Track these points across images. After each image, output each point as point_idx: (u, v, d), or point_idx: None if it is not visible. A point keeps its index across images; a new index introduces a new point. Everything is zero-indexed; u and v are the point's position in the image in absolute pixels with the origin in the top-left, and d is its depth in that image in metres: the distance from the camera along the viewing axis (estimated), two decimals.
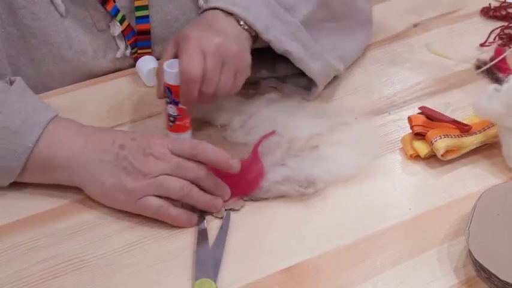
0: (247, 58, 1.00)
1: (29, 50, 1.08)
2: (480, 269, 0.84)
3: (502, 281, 0.81)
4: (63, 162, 0.93)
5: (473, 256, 0.84)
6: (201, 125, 1.06)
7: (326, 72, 1.09)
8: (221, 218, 0.93)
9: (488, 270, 0.82)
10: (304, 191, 0.94)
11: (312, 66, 1.06)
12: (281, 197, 0.95)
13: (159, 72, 0.99)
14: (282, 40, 1.03)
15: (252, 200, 0.95)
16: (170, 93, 0.97)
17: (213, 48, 0.95)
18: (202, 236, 0.90)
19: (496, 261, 0.82)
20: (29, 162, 0.93)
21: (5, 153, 0.92)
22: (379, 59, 1.21)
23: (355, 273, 0.86)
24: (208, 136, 1.04)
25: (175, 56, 0.97)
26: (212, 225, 0.92)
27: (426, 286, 0.85)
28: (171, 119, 0.99)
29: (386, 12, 1.31)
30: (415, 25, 1.28)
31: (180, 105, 0.97)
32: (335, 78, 1.15)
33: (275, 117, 1.04)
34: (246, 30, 1.01)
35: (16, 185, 0.96)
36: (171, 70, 0.95)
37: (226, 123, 1.05)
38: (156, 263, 0.88)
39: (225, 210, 0.94)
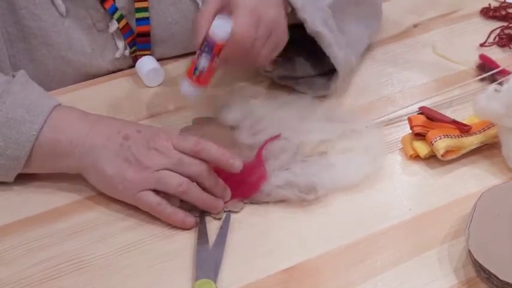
0: (287, 36, 1.02)
1: (29, 51, 1.08)
2: (480, 269, 0.84)
3: (501, 281, 0.81)
4: (67, 148, 0.93)
5: (473, 256, 0.84)
6: (211, 125, 1.06)
7: (347, 63, 1.10)
8: (219, 219, 0.93)
9: (488, 271, 0.82)
10: (304, 196, 0.94)
11: (338, 53, 1.07)
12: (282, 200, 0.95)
13: (200, 21, 0.97)
14: (314, 22, 1.04)
15: (252, 203, 0.95)
16: (211, 48, 0.96)
17: (268, 19, 0.97)
18: (202, 236, 0.90)
19: (496, 262, 0.82)
20: (34, 150, 0.93)
21: (11, 143, 0.92)
22: (379, 59, 1.21)
23: (355, 273, 0.86)
24: (218, 136, 1.04)
25: (220, 9, 0.97)
26: (212, 225, 0.92)
27: (426, 286, 0.85)
28: (198, 70, 0.98)
29: (387, 13, 1.30)
30: (415, 25, 1.28)
31: (215, 62, 0.97)
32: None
33: (285, 121, 1.04)
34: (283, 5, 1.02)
35: (16, 186, 0.96)
36: (222, 28, 0.95)
37: (236, 125, 1.05)
38: (156, 263, 0.88)
39: (224, 211, 0.94)
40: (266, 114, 1.05)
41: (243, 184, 0.95)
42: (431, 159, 1.01)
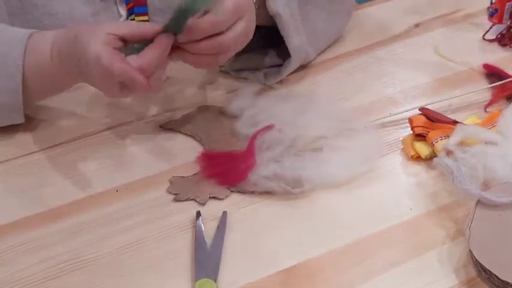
0: (254, 23, 0.99)
1: (32, 23, 1.09)
2: (481, 269, 0.84)
3: (502, 281, 0.81)
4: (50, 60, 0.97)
5: (474, 256, 0.84)
6: (214, 113, 1.07)
7: (301, 50, 1.10)
8: (203, 204, 0.93)
9: (489, 271, 0.82)
10: (290, 190, 0.94)
11: (294, 38, 1.07)
12: (284, 197, 0.95)
13: None
14: (276, 1, 1.05)
15: (239, 191, 0.95)
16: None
17: (247, 19, 0.94)
18: (199, 236, 0.90)
19: (497, 262, 0.82)
20: (26, 76, 0.97)
21: (2, 78, 0.97)
22: (380, 59, 1.21)
23: (355, 274, 0.86)
24: (219, 124, 1.05)
25: None
26: (210, 225, 0.91)
27: (427, 286, 0.85)
28: None
29: (388, 12, 1.31)
30: (417, 25, 1.28)
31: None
32: (336, 78, 1.15)
33: (285, 114, 1.05)
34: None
35: (16, 185, 0.97)
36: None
37: (238, 114, 1.06)
38: (156, 263, 0.88)
39: (210, 198, 0.94)
40: (267, 106, 1.06)
41: (232, 171, 0.96)
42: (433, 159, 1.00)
